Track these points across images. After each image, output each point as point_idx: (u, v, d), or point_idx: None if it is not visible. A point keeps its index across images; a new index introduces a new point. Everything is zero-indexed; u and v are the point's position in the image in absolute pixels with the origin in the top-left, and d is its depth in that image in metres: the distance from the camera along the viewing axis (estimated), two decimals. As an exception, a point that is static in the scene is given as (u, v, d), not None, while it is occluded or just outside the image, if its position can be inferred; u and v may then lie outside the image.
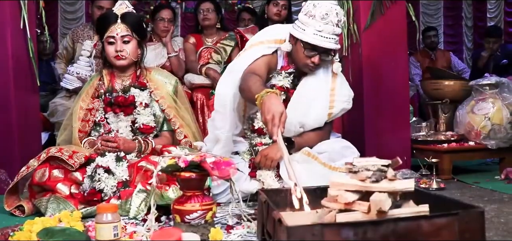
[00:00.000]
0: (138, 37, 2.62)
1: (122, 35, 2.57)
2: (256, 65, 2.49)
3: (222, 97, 2.56)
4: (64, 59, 4.15)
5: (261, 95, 2.08)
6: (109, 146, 2.46)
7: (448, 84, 3.78)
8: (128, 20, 2.59)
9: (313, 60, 2.46)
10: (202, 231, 1.79)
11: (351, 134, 3.17)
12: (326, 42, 2.42)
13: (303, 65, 2.50)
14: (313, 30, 2.41)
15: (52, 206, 2.26)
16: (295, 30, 2.48)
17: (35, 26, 3.16)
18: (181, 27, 7.11)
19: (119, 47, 2.57)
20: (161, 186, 2.24)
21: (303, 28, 2.44)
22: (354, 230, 1.29)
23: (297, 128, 2.54)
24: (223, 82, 2.60)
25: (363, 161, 1.52)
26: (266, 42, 2.59)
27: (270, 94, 2.08)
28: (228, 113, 2.53)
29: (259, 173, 2.51)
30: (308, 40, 2.42)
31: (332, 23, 2.41)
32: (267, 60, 2.55)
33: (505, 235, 1.80)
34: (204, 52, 4.08)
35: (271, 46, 2.58)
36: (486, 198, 2.53)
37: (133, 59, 2.62)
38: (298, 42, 2.47)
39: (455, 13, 8.44)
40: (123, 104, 2.58)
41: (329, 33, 2.41)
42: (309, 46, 2.44)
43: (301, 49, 2.46)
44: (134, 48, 2.61)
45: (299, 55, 2.49)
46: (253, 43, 2.65)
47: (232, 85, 2.51)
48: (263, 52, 2.55)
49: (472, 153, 3.33)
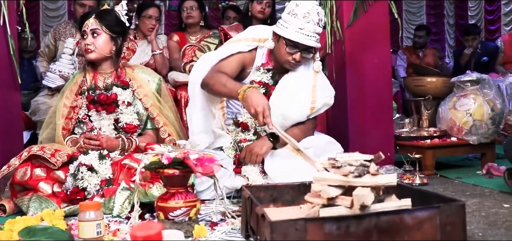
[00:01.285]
0: (110, 32, 2.59)
1: (91, 29, 2.56)
2: (226, 63, 2.59)
3: (192, 82, 2.66)
4: (46, 57, 4.10)
5: (243, 90, 2.24)
6: (91, 144, 2.44)
7: (431, 80, 3.82)
8: (101, 15, 2.59)
9: (295, 57, 2.52)
10: (186, 228, 1.79)
11: (335, 131, 3.19)
12: (307, 40, 2.49)
13: (284, 61, 2.56)
14: (295, 28, 2.48)
15: (34, 205, 2.23)
16: (278, 28, 2.55)
17: (16, 23, 3.12)
18: (165, 25, 7.09)
19: (88, 40, 2.56)
20: (145, 184, 2.23)
21: (286, 26, 2.51)
22: (337, 224, 1.30)
23: (280, 120, 2.56)
24: (195, 70, 2.70)
25: (345, 156, 1.53)
26: (244, 40, 2.67)
27: (252, 89, 2.23)
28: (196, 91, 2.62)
29: (244, 169, 2.52)
30: (290, 37, 2.48)
31: (313, 22, 2.48)
32: (240, 58, 2.63)
33: (486, 228, 1.83)
34: (188, 50, 4.07)
35: (249, 44, 2.65)
36: (468, 192, 2.57)
37: (103, 53, 2.59)
38: (280, 39, 2.54)
39: (437, 11, 8.57)
40: (105, 103, 2.56)
41: (310, 31, 2.49)
42: (291, 43, 2.50)
43: (283, 46, 2.52)
44: (104, 42, 2.58)
45: (281, 51, 2.54)
46: (232, 40, 2.75)
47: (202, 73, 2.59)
48: (240, 48, 2.63)
49: (454, 148, 3.36)
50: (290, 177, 2.19)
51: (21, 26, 3.35)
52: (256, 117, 2.23)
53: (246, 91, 2.26)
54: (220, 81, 2.45)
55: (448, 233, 1.37)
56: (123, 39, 2.67)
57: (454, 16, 8.62)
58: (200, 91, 2.61)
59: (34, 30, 6.40)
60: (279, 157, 2.52)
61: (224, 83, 2.43)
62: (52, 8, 7.17)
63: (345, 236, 1.30)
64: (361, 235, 1.31)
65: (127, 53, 2.71)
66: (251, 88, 2.28)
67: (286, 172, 2.40)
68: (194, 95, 2.66)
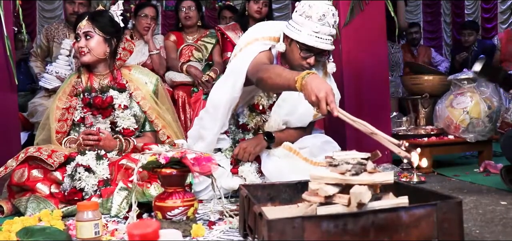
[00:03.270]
0: (103, 34, 2.57)
1: (84, 31, 2.55)
2: (263, 57, 2.43)
3: (217, 99, 2.51)
4: (39, 57, 4.10)
5: (302, 77, 1.97)
6: (90, 139, 2.43)
7: (428, 79, 3.83)
8: (94, 17, 2.58)
9: (309, 61, 2.42)
10: (184, 228, 1.79)
11: (332, 130, 3.19)
12: (323, 44, 2.39)
13: (298, 65, 2.43)
14: (309, 31, 2.37)
15: (32, 206, 2.23)
16: (290, 31, 2.44)
17: (12, 24, 3.12)
18: (162, 25, 7.07)
19: (81, 43, 2.55)
20: (142, 184, 2.23)
21: (299, 29, 2.40)
22: (334, 222, 1.31)
23: (280, 125, 2.56)
24: (221, 85, 2.55)
25: (343, 155, 1.53)
26: (261, 39, 2.53)
27: (312, 74, 1.97)
28: (219, 115, 2.49)
29: (241, 169, 2.52)
30: (305, 41, 2.38)
31: (328, 24, 2.39)
32: (267, 55, 2.48)
33: (483, 225, 1.83)
34: (185, 49, 4.07)
35: (266, 43, 2.52)
36: (465, 190, 2.57)
37: (97, 55, 2.57)
38: (293, 42, 2.43)
39: (434, 10, 8.57)
40: (101, 107, 2.54)
41: (326, 34, 2.39)
42: (305, 47, 2.40)
43: (297, 50, 2.42)
44: (98, 44, 2.56)
45: (294, 55, 2.44)
46: (248, 41, 2.55)
47: (231, 87, 2.45)
48: (260, 48, 2.48)
49: (451, 146, 3.37)
50: (286, 177, 2.20)
51: (17, 27, 3.34)
52: (319, 104, 1.92)
53: (305, 77, 1.96)
54: (275, 72, 2.17)
55: (445, 230, 1.37)
56: (118, 40, 2.64)
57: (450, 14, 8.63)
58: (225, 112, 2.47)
59: (30, 31, 6.38)
60: (275, 157, 2.52)
61: (280, 73, 2.14)
62: (48, 9, 7.15)
63: (342, 234, 1.30)
64: (358, 233, 1.31)
65: (123, 53, 2.68)
66: (310, 74, 1.98)
67: (282, 172, 2.40)
68: (217, 117, 2.50)
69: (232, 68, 2.53)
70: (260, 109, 2.60)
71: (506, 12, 8.33)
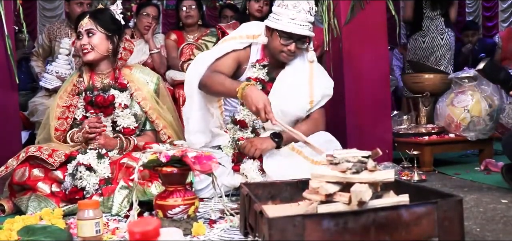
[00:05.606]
0: (105, 31, 2.58)
1: (86, 29, 2.56)
2: (222, 62, 2.60)
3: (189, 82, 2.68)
4: (41, 57, 4.10)
5: (242, 88, 2.24)
6: (97, 127, 2.46)
7: (428, 77, 3.83)
8: (95, 14, 2.59)
9: (289, 48, 2.54)
10: (185, 226, 1.79)
11: (333, 128, 3.18)
12: (301, 29, 2.52)
13: (279, 54, 2.58)
14: (287, 19, 2.51)
15: (33, 205, 2.23)
16: (270, 21, 2.58)
17: (12, 23, 3.12)
18: (163, 24, 7.08)
19: (83, 41, 2.56)
20: (143, 182, 2.23)
21: (278, 18, 2.54)
22: (335, 220, 1.31)
23: (279, 116, 2.56)
24: (191, 69, 2.71)
25: (343, 153, 1.53)
26: (238, 38, 2.68)
27: (251, 86, 2.24)
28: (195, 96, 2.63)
29: (243, 166, 2.53)
30: (283, 28, 2.51)
31: (304, 11, 2.52)
32: (236, 56, 2.64)
33: (484, 223, 1.84)
34: (186, 48, 4.07)
35: (243, 41, 2.67)
36: (466, 188, 2.57)
37: (100, 53, 2.58)
38: (274, 32, 2.56)
39: (435, 8, 8.55)
40: (103, 105, 2.56)
41: (303, 20, 2.52)
42: (284, 34, 2.53)
43: (277, 39, 2.55)
44: (100, 41, 2.57)
45: (275, 44, 2.57)
46: (225, 39, 2.76)
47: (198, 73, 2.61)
48: (234, 46, 2.65)
49: (452, 145, 3.37)
50: (288, 175, 2.20)
51: (18, 26, 3.34)
52: (258, 114, 2.23)
53: (245, 89, 2.27)
54: (217, 81, 2.47)
55: (446, 229, 1.37)
56: (119, 37, 2.65)
57: (452, 13, 8.63)
58: (198, 90, 2.62)
59: (31, 31, 6.38)
60: (278, 156, 2.52)
61: (222, 83, 2.45)
62: (49, 8, 7.15)
63: (343, 232, 1.30)
64: (359, 231, 1.31)
65: (124, 53, 2.68)
66: (249, 86, 2.28)
67: (284, 170, 2.40)
68: (191, 95, 2.66)
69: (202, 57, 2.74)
70: None
71: (507, 11, 8.33)
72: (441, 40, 4.68)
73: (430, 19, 4.69)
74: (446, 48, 4.70)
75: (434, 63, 4.63)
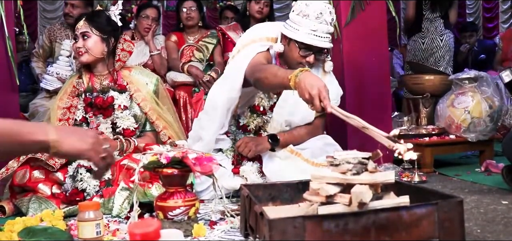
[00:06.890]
0: (100, 34, 2.57)
1: (82, 32, 2.56)
2: (261, 57, 2.44)
3: (214, 100, 2.52)
4: (41, 58, 4.11)
5: (295, 75, 1.97)
6: None
7: (429, 78, 3.82)
8: (90, 17, 2.59)
9: (308, 59, 2.44)
10: (186, 227, 1.79)
11: (334, 131, 3.18)
12: (321, 42, 2.41)
13: (297, 65, 2.41)
14: (307, 30, 2.39)
15: (33, 206, 2.23)
16: (288, 30, 2.45)
17: (13, 25, 3.12)
18: (163, 25, 7.08)
19: (78, 43, 2.56)
20: (144, 184, 2.23)
21: (297, 28, 2.42)
22: (335, 221, 1.30)
23: (283, 127, 2.56)
24: (219, 86, 2.57)
25: (344, 154, 1.53)
26: (258, 41, 2.54)
27: (305, 71, 1.97)
28: (218, 116, 2.51)
29: (242, 169, 2.53)
30: (303, 40, 2.40)
31: (326, 22, 2.41)
32: (265, 56, 2.49)
33: (485, 224, 1.83)
34: (186, 50, 4.08)
35: (263, 44, 2.52)
36: (467, 189, 2.57)
37: (95, 55, 2.58)
38: (291, 42, 2.45)
39: (435, 9, 8.56)
40: (102, 107, 2.56)
41: (324, 32, 2.41)
42: (304, 46, 2.42)
43: (296, 49, 2.44)
44: (95, 44, 2.57)
45: (293, 55, 2.46)
46: (245, 43, 2.56)
47: (228, 89, 2.47)
48: (258, 49, 2.49)
49: (453, 146, 3.36)
50: (287, 177, 2.19)
51: (19, 27, 3.35)
52: (312, 101, 1.92)
53: (298, 75, 1.96)
54: (271, 72, 2.20)
55: (446, 230, 1.37)
56: (116, 39, 2.64)
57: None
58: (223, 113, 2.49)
59: (31, 32, 6.38)
60: (277, 158, 2.52)
61: (275, 73, 2.16)
62: (49, 10, 7.16)
63: (343, 233, 1.30)
64: (359, 232, 1.31)
65: (122, 54, 2.66)
66: (303, 72, 1.97)
67: (283, 172, 2.40)
68: (215, 118, 2.51)
69: (230, 70, 2.54)
70: (261, 110, 2.61)
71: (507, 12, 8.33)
72: (440, 41, 4.69)
73: (429, 21, 4.71)
74: (445, 50, 4.72)
75: (433, 64, 4.64)
